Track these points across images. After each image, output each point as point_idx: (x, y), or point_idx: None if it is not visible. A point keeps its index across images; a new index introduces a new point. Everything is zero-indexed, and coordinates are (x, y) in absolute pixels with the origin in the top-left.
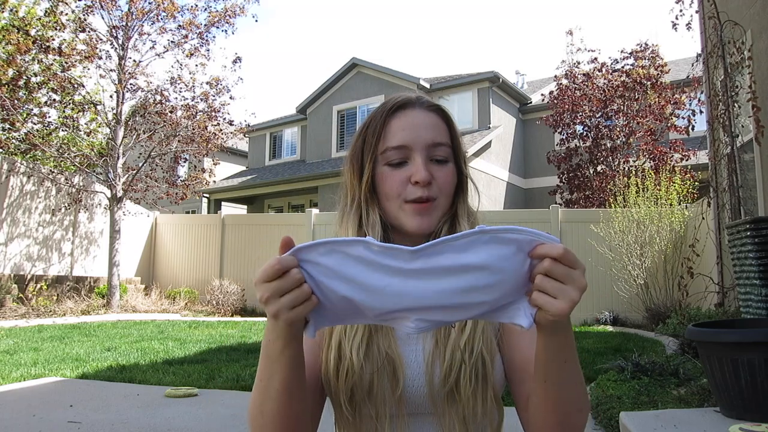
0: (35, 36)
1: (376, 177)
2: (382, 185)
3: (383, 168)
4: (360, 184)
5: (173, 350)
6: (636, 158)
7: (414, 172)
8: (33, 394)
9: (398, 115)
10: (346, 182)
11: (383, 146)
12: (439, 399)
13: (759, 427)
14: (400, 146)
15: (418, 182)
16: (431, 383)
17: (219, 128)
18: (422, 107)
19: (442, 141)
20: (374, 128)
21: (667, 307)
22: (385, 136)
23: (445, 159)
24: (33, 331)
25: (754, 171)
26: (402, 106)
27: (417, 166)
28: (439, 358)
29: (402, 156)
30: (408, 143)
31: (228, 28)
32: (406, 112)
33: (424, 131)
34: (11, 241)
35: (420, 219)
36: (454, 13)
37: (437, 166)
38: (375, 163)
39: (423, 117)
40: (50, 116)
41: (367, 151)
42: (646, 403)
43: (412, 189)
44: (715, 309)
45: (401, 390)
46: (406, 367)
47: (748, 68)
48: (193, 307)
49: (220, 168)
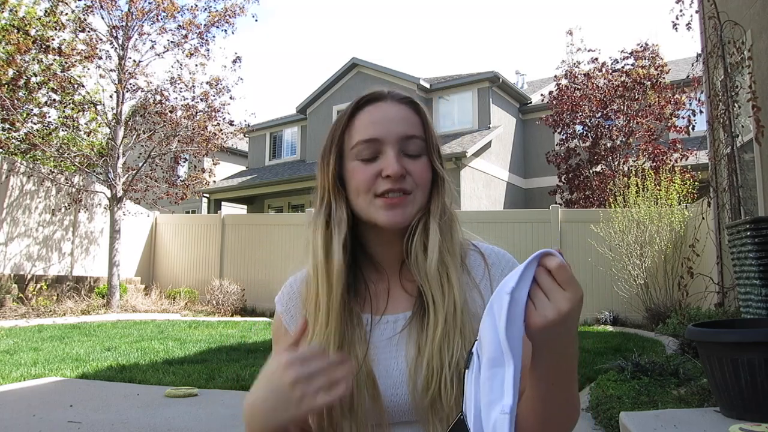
0: (35, 36)
1: (347, 172)
2: (352, 180)
3: (354, 163)
4: (328, 180)
5: (173, 350)
6: (636, 158)
7: (385, 166)
8: (33, 394)
9: (369, 109)
10: (318, 180)
11: (354, 140)
12: (422, 406)
13: (759, 427)
14: (371, 139)
15: (390, 176)
16: (414, 391)
17: (219, 128)
18: (393, 100)
19: (414, 134)
20: (343, 122)
21: (667, 307)
22: (355, 129)
23: (418, 153)
24: (33, 330)
25: (754, 171)
26: (373, 99)
27: (388, 159)
28: (422, 365)
29: (373, 150)
30: (379, 136)
31: (228, 28)
32: (377, 105)
33: (396, 124)
34: (11, 241)
35: (392, 213)
36: (454, 13)
37: (410, 160)
38: (344, 158)
39: (395, 110)
40: (50, 116)
41: (333, 145)
42: (646, 403)
43: (382, 182)
44: (715, 309)
45: (382, 401)
46: (387, 376)
47: (748, 68)
48: (193, 307)
49: (220, 168)
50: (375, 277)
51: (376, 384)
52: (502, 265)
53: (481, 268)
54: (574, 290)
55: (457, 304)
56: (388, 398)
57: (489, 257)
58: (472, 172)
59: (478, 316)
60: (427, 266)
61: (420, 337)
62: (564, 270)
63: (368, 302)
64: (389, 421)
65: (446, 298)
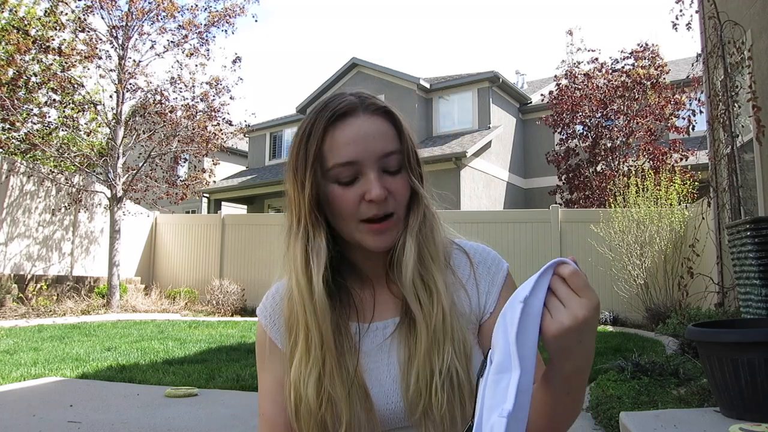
0: (35, 36)
1: (326, 196)
2: (334, 206)
3: (332, 186)
4: (304, 203)
5: (173, 350)
6: (636, 158)
7: (367, 189)
8: (33, 394)
9: (341, 126)
10: (290, 196)
11: (330, 162)
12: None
13: (759, 427)
14: (350, 162)
15: (373, 200)
16: (406, 399)
17: (219, 128)
18: (367, 112)
19: (393, 149)
20: (315, 140)
21: (667, 307)
22: (330, 149)
23: (397, 168)
24: (33, 330)
25: (754, 171)
26: (346, 113)
27: (370, 182)
28: (413, 372)
29: (352, 172)
30: (357, 158)
31: (228, 28)
32: (349, 121)
33: (374, 142)
34: (11, 241)
35: (379, 238)
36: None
37: (390, 177)
38: (321, 179)
39: (369, 124)
40: (50, 116)
41: (309, 165)
42: (646, 403)
43: (366, 207)
44: (715, 309)
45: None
46: (380, 385)
47: (748, 68)
48: (193, 307)
49: (220, 168)
50: (359, 285)
51: (369, 396)
52: (488, 263)
53: (467, 266)
54: (590, 297)
55: (446, 311)
56: (381, 408)
57: (474, 256)
58: (472, 172)
59: (465, 315)
60: (404, 280)
61: (410, 340)
62: (578, 276)
63: (354, 311)
64: (383, 429)
65: (434, 307)
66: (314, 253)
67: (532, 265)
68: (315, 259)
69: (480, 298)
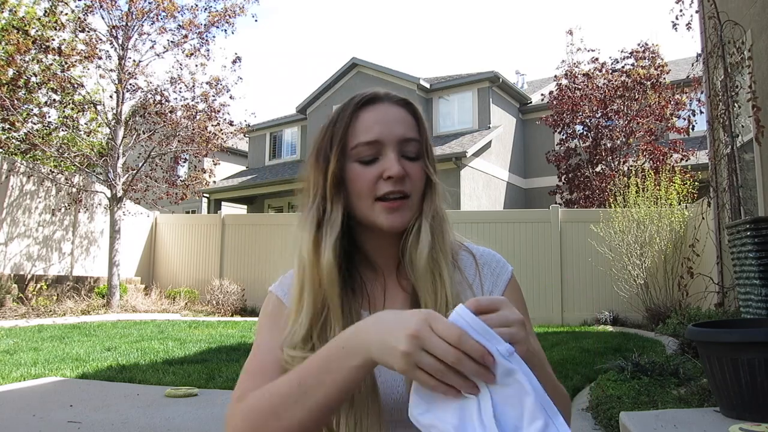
0: (35, 36)
1: (346, 174)
2: (353, 183)
3: (353, 165)
4: (325, 180)
5: (173, 350)
6: (636, 158)
7: (387, 168)
8: (33, 394)
9: (368, 109)
10: (309, 180)
11: (354, 142)
12: None
13: (759, 427)
14: (373, 141)
15: (392, 177)
16: None
17: (219, 128)
18: (391, 102)
19: (413, 136)
20: (343, 123)
21: (667, 307)
22: (355, 130)
23: (415, 156)
24: (33, 330)
25: (754, 171)
26: (371, 100)
27: (390, 161)
28: None
29: (374, 152)
30: (380, 138)
31: (228, 28)
32: (376, 107)
33: (396, 126)
34: (11, 241)
35: (392, 216)
36: (454, 13)
37: (408, 162)
38: (344, 159)
39: (394, 111)
40: (50, 116)
41: (335, 146)
42: (646, 403)
43: (383, 184)
44: (715, 309)
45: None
46: (386, 374)
47: (748, 68)
48: (193, 307)
49: (220, 168)
50: (371, 275)
51: (376, 384)
52: (493, 265)
53: (473, 268)
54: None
55: (449, 300)
56: (387, 397)
57: (479, 258)
58: (472, 172)
59: None
60: (416, 263)
61: None
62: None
63: (366, 300)
64: (388, 419)
65: (438, 296)
66: (327, 224)
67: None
68: (328, 229)
69: None
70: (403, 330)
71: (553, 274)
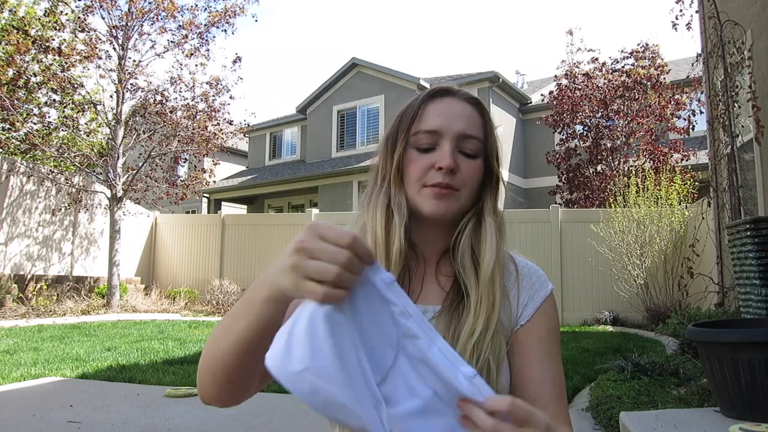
0: (35, 36)
1: (404, 159)
2: (408, 167)
3: (411, 151)
4: (392, 165)
5: (173, 350)
6: (636, 158)
7: (439, 159)
8: (33, 394)
9: (436, 101)
10: (379, 162)
11: (416, 128)
12: None
13: (759, 427)
14: (432, 131)
15: (442, 168)
16: None
17: (219, 128)
18: (461, 98)
19: (473, 134)
20: (412, 110)
21: (667, 307)
22: (419, 119)
23: (474, 154)
24: (33, 330)
25: (754, 171)
26: (441, 93)
27: (443, 152)
28: None
29: (431, 141)
30: (439, 129)
31: (228, 28)
32: (444, 99)
33: (458, 120)
34: (11, 241)
35: (437, 203)
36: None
37: (465, 158)
38: (407, 145)
39: (459, 106)
40: (50, 116)
41: (401, 132)
42: (646, 403)
43: (434, 174)
44: (715, 309)
45: None
46: None
47: (748, 68)
48: (193, 307)
49: (220, 168)
50: (413, 264)
51: None
52: (533, 279)
53: (513, 276)
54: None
55: (496, 306)
56: None
57: (522, 268)
58: None
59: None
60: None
61: (446, 333)
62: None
63: (406, 287)
64: None
65: (488, 298)
66: (396, 206)
67: None
68: (397, 211)
69: (518, 308)
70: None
71: (553, 274)
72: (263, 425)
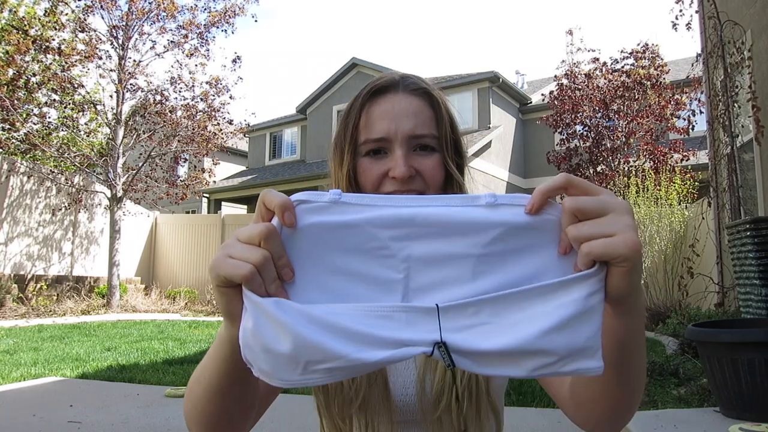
0: (35, 36)
1: (357, 168)
2: (361, 178)
3: (363, 159)
4: (342, 176)
5: (173, 350)
6: (636, 158)
7: (392, 167)
8: (33, 394)
9: (379, 101)
10: (330, 171)
11: (363, 137)
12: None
13: (759, 427)
14: (378, 138)
15: (395, 178)
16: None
17: (219, 128)
18: (406, 91)
19: (424, 132)
20: (354, 115)
21: (667, 307)
22: (364, 125)
23: (431, 147)
24: (33, 330)
25: (754, 171)
26: (383, 89)
27: (396, 160)
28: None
29: (381, 147)
30: (387, 134)
31: (228, 29)
32: (387, 98)
33: (406, 120)
34: (11, 241)
35: None
36: (454, 13)
37: (421, 156)
38: (356, 152)
39: (406, 103)
40: (50, 116)
41: (347, 140)
42: (646, 403)
43: (389, 183)
44: (715, 309)
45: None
46: (398, 374)
47: (748, 68)
48: (193, 306)
49: (220, 168)
50: None
51: (387, 382)
52: None
53: None
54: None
55: None
56: (397, 398)
57: None
58: (471, 172)
59: None
60: None
61: None
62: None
63: None
64: (400, 419)
65: None
66: None
67: None
68: None
69: None
70: None
71: None
72: (263, 425)
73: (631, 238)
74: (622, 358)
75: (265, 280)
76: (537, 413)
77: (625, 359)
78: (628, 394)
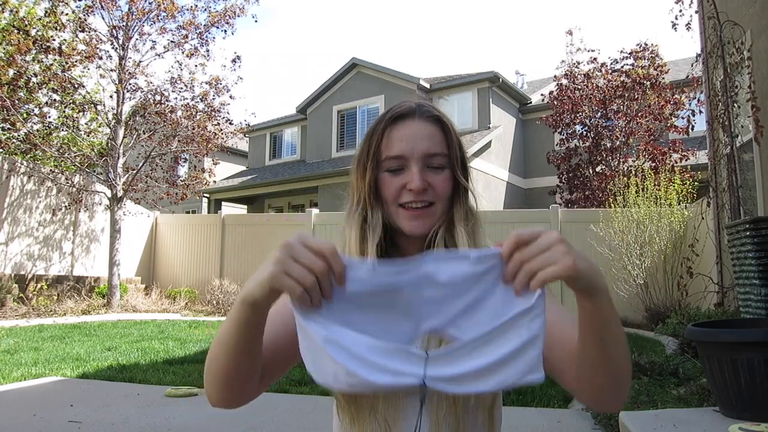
0: (35, 36)
1: (379, 181)
2: (382, 190)
3: (384, 174)
4: (364, 187)
5: (173, 350)
6: (636, 158)
7: (409, 181)
8: (33, 394)
9: (398, 125)
10: (353, 182)
11: (384, 154)
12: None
13: (759, 427)
14: (398, 156)
15: (412, 190)
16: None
17: (219, 128)
18: (422, 118)
19: (437, 151)
20: (377, 136)
21: (667, 307)
22: (385, 144)
23: (441, 166)
24: (33, 330)
25: (753, 171)
26: (403, 116)
27: (412, 175)
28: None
29: (400, 164)
30: (405, 153)
31: (228, 29)
32: (405, 123)
33: (421, 142)
34: (12, 241)
35: (414, 222)
36: (454, 13)
37: (433, 173)
38: (378, 168)
39: (421, 128)
40: (50, 116)
41: (370, 157)
42: (646, 403)
43: (406, 194)
44: (715, 309)
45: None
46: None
47: (748, 68)
48: (194, 306)
49: (220, 168)
50: None
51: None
52: None
53: None
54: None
55: None
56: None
57: None
58: (471, 172)
59: None
60: None
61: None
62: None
63: None
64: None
65: None
66: (370, 227)
67: None
68: (371, 232)
69: None
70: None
71: None
72: (263, 425)
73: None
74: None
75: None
76: (537, 413)
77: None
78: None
